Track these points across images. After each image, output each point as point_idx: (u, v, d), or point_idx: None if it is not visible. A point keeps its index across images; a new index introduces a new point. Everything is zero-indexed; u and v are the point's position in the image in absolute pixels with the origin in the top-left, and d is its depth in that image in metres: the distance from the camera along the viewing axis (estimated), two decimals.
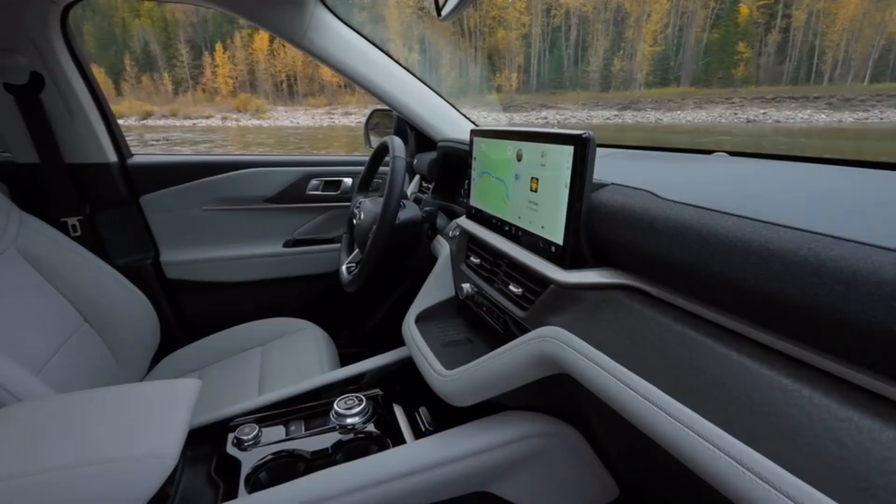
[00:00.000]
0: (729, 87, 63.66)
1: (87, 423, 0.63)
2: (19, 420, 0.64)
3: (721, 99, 56.56)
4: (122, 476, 0.56)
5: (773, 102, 52.26)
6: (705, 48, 70.84)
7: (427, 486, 0.68)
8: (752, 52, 68.63)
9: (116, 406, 0.68)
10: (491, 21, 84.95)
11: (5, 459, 0.56)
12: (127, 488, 0.56)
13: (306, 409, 0.86)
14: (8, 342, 0.82)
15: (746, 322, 0.42)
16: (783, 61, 67.03)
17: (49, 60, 1.14)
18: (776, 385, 0.37)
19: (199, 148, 19.39)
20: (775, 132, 32.72)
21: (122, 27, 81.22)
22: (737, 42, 69.70)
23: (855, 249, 0.34)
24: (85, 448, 0.58)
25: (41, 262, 1.01)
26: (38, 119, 1.18)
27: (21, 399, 0.72)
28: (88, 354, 1.03)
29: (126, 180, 1.36)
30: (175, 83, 79.69)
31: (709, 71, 68.01)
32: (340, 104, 67.16)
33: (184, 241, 1.46)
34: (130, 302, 1.16)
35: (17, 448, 0.58)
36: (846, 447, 0.32)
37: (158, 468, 0.58)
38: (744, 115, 49.99)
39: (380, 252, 0.97)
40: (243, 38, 79.71)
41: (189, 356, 1.23)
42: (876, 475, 0.30)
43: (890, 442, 0.31)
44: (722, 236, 0.43)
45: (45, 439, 0.60)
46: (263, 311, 1.37)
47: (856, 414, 0.33)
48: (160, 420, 0.65)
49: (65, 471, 0.55)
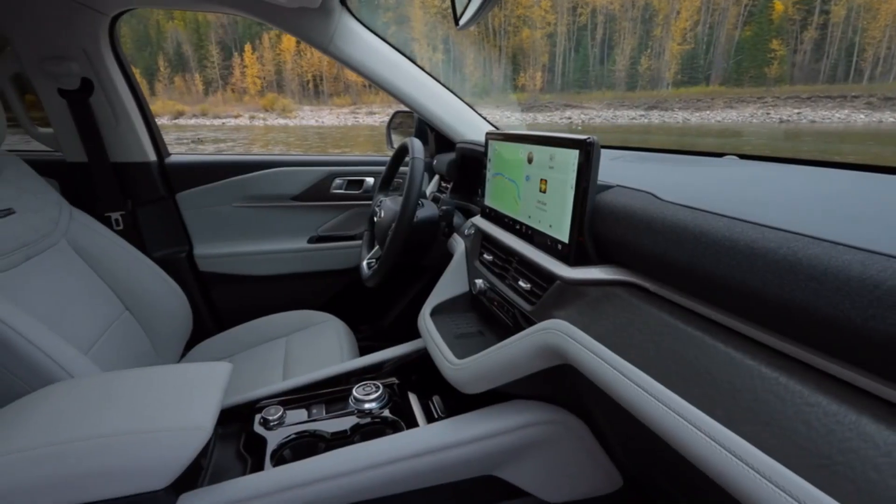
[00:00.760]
0: (761, 86, 61.70)
1: (133, 398, 0.70)
2: (75, 393, 0.71)
3: (753, 98, 54.86)
4: (164, 444, 0.63)
5: (809, 102, 50.42)
6: (737, 46, 68.81)
7: (436, 467, 0.72)
8: (786, 49, 66.32)
9: (158, 384, 0.74)
10: (515, 20, 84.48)
11: (66, 426, 0.63)
12: (168, 455, 0.62)
13: (327, 394, 0.92)
14: (61, 325, 0.90)
15: (733, 316, 0.46)
16: (820, 59, 64.57)
17: (98, 67, 1.23)
18: (756, 373, 0.40)
19: (221, 146, 20.01)
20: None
21: (156, 29, 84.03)
22: (770, 39, 67.48)
23: (828, 249, 0.37)
24: (132, 418, 0.65)
25: (88, 253, 1.10)
26: (87, 121, 1.27)
27: (74, 376, 0.80)
28: (129, 339, 1.11)
29: (164, 178, 1.46)
30: (206, 83, 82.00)
31: (740, 69, 66.05)
32: (364, 104, 67.87)
33: (215, 236, 1.55)
34: (166, 292, 1.24)
35: (74, 417, 0.65)
36: (814, 429, 0.35)
37: (195, 440, 0.64)
38: (776, 115, 48.40)
39: (398, 248, 1.02)
40: (271, 38, 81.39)
41: (219, 344, 1.31)
42: (837, 453, 0.33)
43: (851, 424, 0.34)
44: (712, 236, 0.46)
45: (97, 410, 0.67)
46: (288, 304, 1.44)
47: (825, 399, 0.36)
48: (196, 398, 0.71)
49: (115, 437, 0.62)
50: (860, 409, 0.34)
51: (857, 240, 0.37)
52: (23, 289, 0.89)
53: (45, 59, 1.18)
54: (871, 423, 0.33)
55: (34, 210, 1.00)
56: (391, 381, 0.95)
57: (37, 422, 0.64)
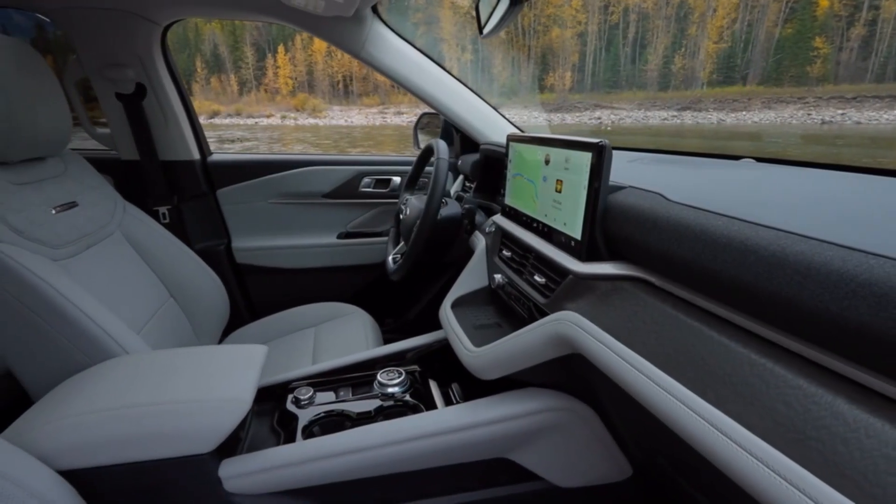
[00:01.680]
0: (803, 85, 59.14)
1: (182, 372, 0.78)
2: (133, 367, 0.80)
3: (793, 98, 52.64)
4: (210, 412, 0.70)
5: (854, 102, 48.02)
6: (777, 44, 66.19)
7: (453, 446, 0.77)
8: (831, 47, 63.40)
9: (203, 361, 0.82)
10: (545, 19, 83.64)
11: (126, 394, 0.71)
12: (212, 422, 0.70)
13: (353, 379, 0.99)
14: (117, 307, 0.99)
15: (729, 308, 0.49)
16: (867, 57, 61.44)
17: (150, 73, 1.34)
18: (746, 360, 0.44)
19: (246, 144, 20.76)
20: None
21: (195, 32, 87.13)
22: (813, 37, 64.64)
23: (814, 246, 0.41)
24: (182, 390, 0.73)
25: (139, 243, 1.20)
26: (139, 123, 1.38)
27: (128, 352, 0.89)
28: (173, 324, 1.21)
29: (206, 176, 1.56)
30: (240, 84, 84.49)
31: (780, 68, 63.51)
32: (393, 104, 68.57)
33: (252, 230, 1.64)
34: (207, 282, 1.33)
35: (133, 386, 0.73)
36: (793, 409, 0.39)
37: (236, 411, 0.72)
38: (818, 116, 46.30)
39: (422, 244, 1.08)
40: (303, 40, 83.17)
41: (253, 332, 1.40)
42: (811, 429, 0.37)
43: (827, 404, 0.37)
44: (710, 234, 0.50)
45: (153, 381, 0.75)
46: (318, 296, 1.52)
47: (805, 382, 0.39)
48: (237, 374, 0.78)
49: (169, 404, 0.70)
50: (836, 391, 0.37)
51: (845, 238, 0.40)
52: (85, 274, 0.99)
53: (105, 66, 1.29)
54: (845, 403, 0.36)
55: (94, 203, 1.10)
56: (413, 368, 1.00)
57: (102, 389, 0.73)
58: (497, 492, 0.85)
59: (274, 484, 0.75)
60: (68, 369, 0.83)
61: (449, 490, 0.84)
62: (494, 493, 0.85)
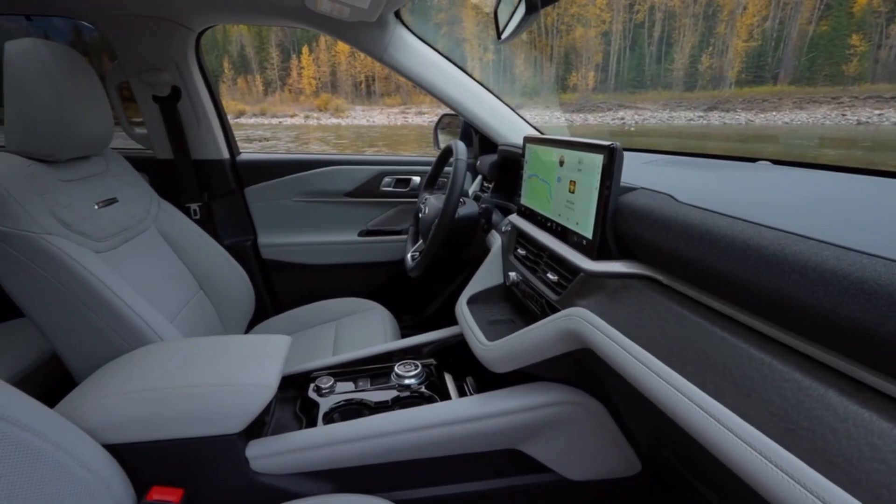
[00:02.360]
0: (837, 85, 57.03)
1: (214, 358, 0.83)
2: (166, 352, 0.86)
3: (826, 98, 50.80)
4: (239, 395, 0.75)
5: (893, 102, 46.07)
6: (810, 42, 64.01)
7: (465, 435, 0.81)
8: (868, 45, 60.97)
9: (232, 349, 0.88)
10: (569, 19, 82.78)
11: (162, 376, 0.77)
12: (241, 404, 0.75)
13: (372, 370, 1.03)
14: (153, 298, 1.06)
15: (731, 305, 0.51)
16: None
17: (185, 76, 1.41)
18: (745, 355, 0.46)
19: (265, 144, 21.30)
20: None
21: (223, 34, 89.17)
22: (849, 35, 62.27)
23: (812, 245, 0.43)
24: (213, 374, 0.78)
25: (171, 238, 1.26)
26: (174, 124, 1.46)
27: (163, 339, 0.95)
28: (202, 314, 1.27)
29: (235, 174, 1.63)
30: (265, 84, 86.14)
31: (813, 67, 61.40)
32: (414, 104, 68.90)
33: (277, 227, 1.71)
34: (234, 276, 1.39)
35: (168, 370, 0.79)
36: (787, 400, 0.41)
37: (263, 395, 0.76)
38: (854, 117, 44.56)
39: (440, 242, 1.11)
40: (327, 41, 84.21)
41: (277, 324, 1.46)
42: (803, 420, 0.39)
43: (819, 396, 0.39)
44: (715, 234, 0.52)
45: (186, 366, 0.80)
46: (339, 291, 1.58)
47: (800, 376, 0.41)
48: (263, 362, 0.83)
49: (201, 387, 0.75)
50: (828, 384, 0.39)
51: (843, 239, 0.42)
52: (123, 266, 1.05)
53: (144, 71, 1.37)
54: (836, 395, 0.38)
55: (132, 199, 1.17)
56: (429, 361, 1.04)
57: (142, 372, 0.79)
58: (509, 482, 0.88)
59: (296, 465, 0.80)
60: (109, 354, 0.90)
61: (462, 478, 0.88)
62: (506, 483, 0.88)
